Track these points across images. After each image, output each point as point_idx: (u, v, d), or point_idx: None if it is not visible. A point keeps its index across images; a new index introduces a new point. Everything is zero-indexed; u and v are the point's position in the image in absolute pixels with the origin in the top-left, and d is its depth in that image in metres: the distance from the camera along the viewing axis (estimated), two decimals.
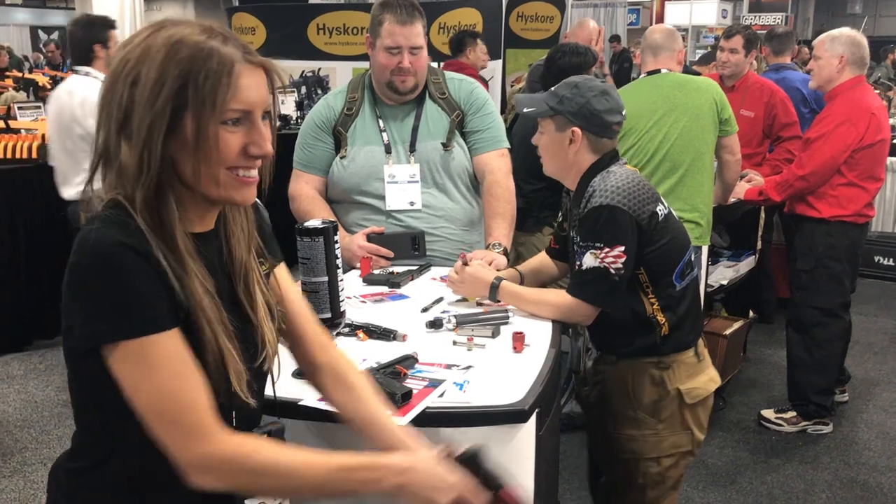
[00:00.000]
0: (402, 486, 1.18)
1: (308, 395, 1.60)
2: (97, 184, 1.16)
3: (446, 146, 2.54)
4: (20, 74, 10.54)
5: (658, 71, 3.38)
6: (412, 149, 2.53)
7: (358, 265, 2.42)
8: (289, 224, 2.13)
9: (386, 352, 1.86)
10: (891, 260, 6.12)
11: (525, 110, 2.11)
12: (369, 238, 2.48)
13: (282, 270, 1.40)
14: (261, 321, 1.25)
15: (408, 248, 2.46)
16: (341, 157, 2.56)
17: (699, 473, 3.32)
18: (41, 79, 10.18)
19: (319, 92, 8.72)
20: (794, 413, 3.73)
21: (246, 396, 1.17)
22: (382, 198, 2.53)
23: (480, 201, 2.63)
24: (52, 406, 3.92)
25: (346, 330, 2.00)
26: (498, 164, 2.56)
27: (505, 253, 2.42)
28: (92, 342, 1.07)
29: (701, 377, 2.12)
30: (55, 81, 10.12)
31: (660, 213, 2.04)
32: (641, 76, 3.50)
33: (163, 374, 1.07)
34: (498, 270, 2.26)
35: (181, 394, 1.09)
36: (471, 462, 1.27)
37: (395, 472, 1.18)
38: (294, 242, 1.99)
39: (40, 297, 4.70)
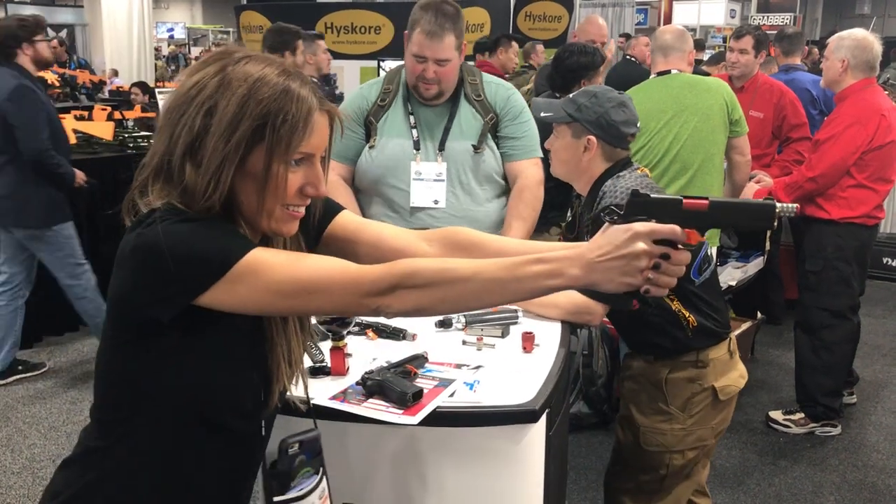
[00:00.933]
0: (584, 274, 1.10)
1: (320, 394, 1.61)
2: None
3: (477, 148, 2.51)
4: None
5: (668, 71, 3.37)
6: (441, 147, 2.51)
7: None
8: None
9: (396, 351, 1.86)
10: None
11: (542, 115, 2.15)
12: None
13: (345, 215, 1.43)
14: (290, 336, 1.28)
15: None
16: (370, 147, 2.54)
17: (707, 475, 3.31)
18: (50, 76, 10.21)
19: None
20: (802, 415, 3.72)
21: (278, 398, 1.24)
22: (407, 193, 2.51)
23: (507, 207, 2.60)
24: (60, 403, 3.93)
25: (356, 329, 2.00)
26: (531, 172, 2.55)
27: None
28: (215, 274, 1.08)
29: (733, 374, 2.18)
30: (63, 79, 10.17)
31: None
32: (652, 76, 3.50)
33: (287, 264, 1.12)
34: None
35: (311, 266, 1.13)
36: (637, 206, 1.15)
37: (572, 261, 1.11)
38: None
39: (49, 295, 4.70)
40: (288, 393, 1.34)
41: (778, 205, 1.11)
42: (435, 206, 2.52)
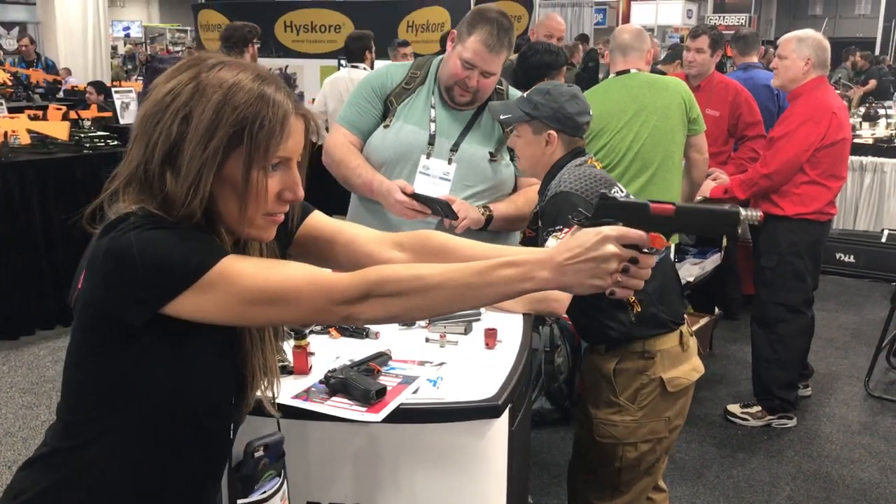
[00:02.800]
0: (554, 276, 1.12)
1: (283, 393, 1.60)
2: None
3: (493, 156, 2.48)
4: None
5: (627, 71, 3.42)
6: (455, 148, 2.47)
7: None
8: None
9: (359, 349, 1.86)
10: (852, 257, 6.21)
11: (501, 117, 2.22)
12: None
13: (318, 216, 1.43)
14: (265, 344, 1.28)
15: (437, 211, 2.34)
16: (385, 126, 2.50)
17: (667, 468, 3.36)
18: (2, 75, 9.99)
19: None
20: (759, 407, 3.80)
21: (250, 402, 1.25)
22: (410, 184, 2.43)
23: None
24: (16, 408, 3.85)
25: (319, 328, 2.00)
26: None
27: (488, 219, 2.39)
28: (189, 278, 1.08)
29: (684, 366, 2.20)
30: (16, 78, 9.95)
31: (615, 195, 2.08)
32: (611, 76, 3.54)
33: (257, 273, 1.12)
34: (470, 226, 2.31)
35: (282, 275, 1.14)
36: (605, 210, 1.17)
37: (542, 264, 1.13)
38: None
39: (3, 297, 4.62)
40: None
41: (742, 211, 1.14)
42: None
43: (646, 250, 1.14)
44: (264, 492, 1.35)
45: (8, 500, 1.22)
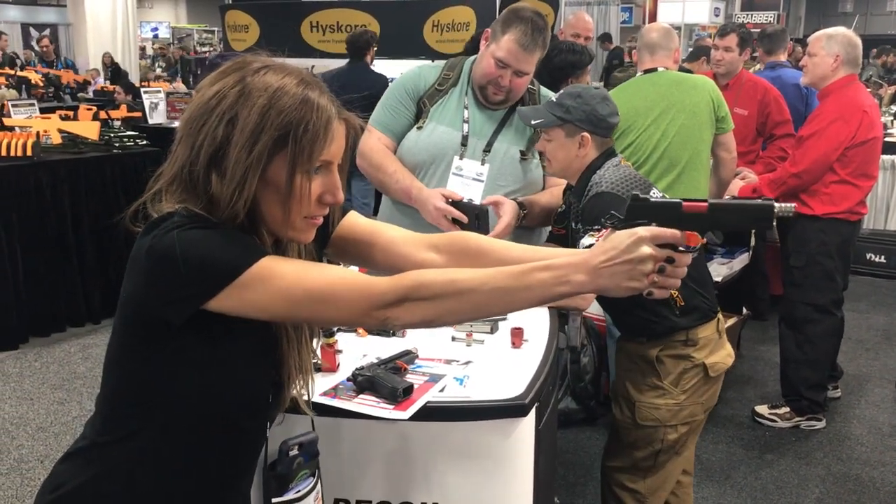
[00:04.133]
0: (590, 279, 1.12)
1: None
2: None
3: (524, 155, 2.48)
4: (12, 72, 10.50)
5: (655, 69, 3.40)
6: (487, 149, 2.47)
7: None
8: None
9: (385, 347, 1.87)
10: (882, 257, 6.16)
11: (533, 122, 2.23)
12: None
13: (354, 217, 1.45)
14: (301, 345, 1.30)
15: (473, 221, 2.33)
16: (418, 128, 2.50)
17: (694, 468, 3.34)
18: (34, 76, 10.15)
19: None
20: (787, 409, 3.76)
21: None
22: (443, 185, 2.45)
23: None
24: (48, 404, 3.92)
25: (346, 326, 2.01)
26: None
27: (522, 209, 2.39)
28: (229, 276, 1.10)
29: (721, 352, 2.27)
30: (48, 79, 10.10)
31: (652, 197, 2.11)
32: (638, 75, 3.52)
33: (297, 273, 1.14)
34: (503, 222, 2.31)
35: (321, 276, 1.15)
36: (637, 211, 1.17)
37: (577, 267, 1.13)
38: None
39: (36, 295, 4.69)
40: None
41: (776, 205, 1.13)
42: None
43: (681, 249, 1.14)
44: (298, 491, 1.36)
45: (47, 493, 1.25)
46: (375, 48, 6.08)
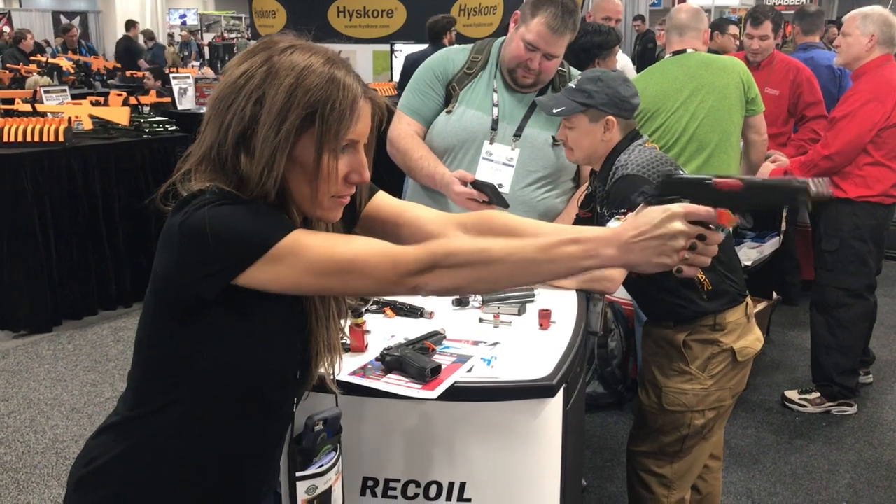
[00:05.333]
0: (620, 254, 1.12)
1: (339, 370, 1.62)
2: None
3: (556, 140, 2.45)
4: (44, 59, 10.63)
5: (684, 51, 3.35)
6: (518, 133, 2.46)
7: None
8: None
9: (413, 328, 1.88)
10: None
11: (555, 111, 2.19)
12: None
13: (382, 196, 1.46)
14: (330, 322, 1.31)
15: (493, 197, 2.28)
16: (448, 112, 2.49)
17: (722, 454, 3.32)
18: (65, 63, 10.26)
19: None
20: (818, 394, 3.72)
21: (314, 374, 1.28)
22: (473, 170, 2.43)
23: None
24: (81, 385, 3.98)
25: (374, 307, 2.02)
26: None
27: None
28: (259, 250, 1.11)
29: (749, 336, 2.25)
30: (78, 66, 10.22)
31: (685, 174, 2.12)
32: (667, 56, 3.48)
33: (327, 245, 1.15)
34: None
35: (350, 247, 1.16)
36: (671, 187, 1.16)
37: (608, 241, 1.13)
38: None
39: (68, 279, 4.77)
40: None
41: (811, 182, 1.10)
42: (498, 190, 2.42)
43: (712, 227, 1.12)
44: (322, 465, 1.37)
45: (80, 468, 1.27)
46: (455, 32, 6.12)
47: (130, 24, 12.77)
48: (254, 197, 1.16)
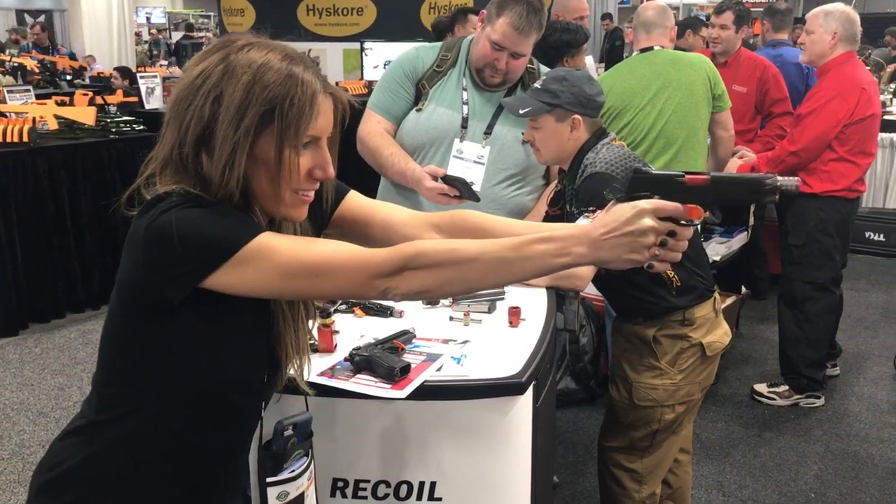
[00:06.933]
0: (590, 251, 1.12)
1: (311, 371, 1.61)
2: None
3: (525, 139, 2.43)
4: (8, 58, 10.45)
5: (651, 48, 3.38)
6: (488, 131, 2.46)
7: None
8: None
9: (383, 327, 1.87)
10: (881, 236, 6.15)
11: (521, 111, 2.18)
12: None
13: (353, 197, 1.45)
14: (297, 324, 1.30)
15: (463, 191, 2.24)
16: (417, 110, 2.49)
17: (693, 447, 3.35)
18: (29, 62, 10.10)
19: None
20: (786, 387, 3.77)
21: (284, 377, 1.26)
22: (444, 168, 2.39)
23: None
24: (48, 389, 3.93)
25: (343, 307, 2.01)
26: None
27: None
28: (224, 255, 1.10)
29: (718, 331, 2.27)
30: (43, 65, 10.06)
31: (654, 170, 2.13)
32: (634, 54, 3.50)
33: (295, 247, 1.14)
34: None
35: (319, 249, 1.15)
36: (640, 184, 1.16)
37: (578, 239, 1.13)
38: None
39: (35, 282, 4.69)
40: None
41: (779, 178, 1.11)
42: None
43: (683, 222, 1.13)
44: (293, 471, 1.36)
45: (43, 473, 1.25)
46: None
47: None
48: (219, 199, 1.15)
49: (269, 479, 1.35)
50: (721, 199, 1.17)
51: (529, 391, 1.66)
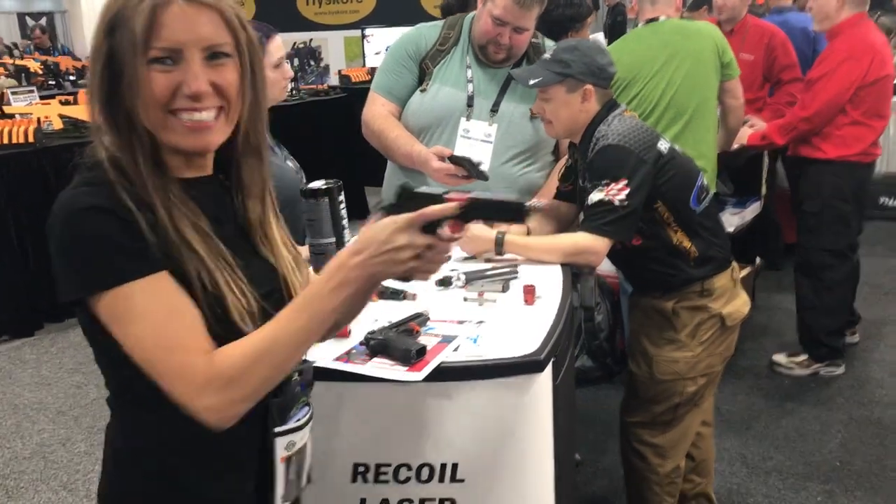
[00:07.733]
0: (366, 273, 1.10)
1: (324, 356, 1.60)
2: None
3: (533, 113, 2.41)
4: (11, 61, 10.46)
5: (657, 18, 3.32)
6: (495, 109, 2.42)
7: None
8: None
9: (397, 311, 1.85)
10: None
11: (531, 82, 2.14)
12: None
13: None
14: (282, 266, 1.25)
15: (471, 170, 2.27)
16: (422, 91, 2.45)
17: (714, 420, 3.33)
18: (32, 64, 10.10)
19: (312, 63, 8.65)
20: (805, 356, 3.73)
21: (246, 327, 1.14)
22: (451, 148, 2.39)
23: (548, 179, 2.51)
24: (66, 388, 3.94)
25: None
26: None
27: (498, 241, 2.24)
28: (68, 296, 1.09)
29: (737, 301, 2.25)
30: (46, 66, 10.05)
31: (663, 148, 2.14)
32: (640, 25, 3.45)
33: (144, 321, 1.08)
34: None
35: (164, 336, 1.08)
36: (405, 199, 1.20)
37: (350, 265, 1.11)
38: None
39: (47, 282, 4.68)
40: None
41: (528, 203, 1.20)
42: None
43: (444, 237, 1.16)
44: (298, 420, 1.31)
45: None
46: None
47: None
48: (131, 144, 1.11)
49: (276, 430, 1.30)
50: (479, 216, 1.20)
51: (548, 369, 1.63)
